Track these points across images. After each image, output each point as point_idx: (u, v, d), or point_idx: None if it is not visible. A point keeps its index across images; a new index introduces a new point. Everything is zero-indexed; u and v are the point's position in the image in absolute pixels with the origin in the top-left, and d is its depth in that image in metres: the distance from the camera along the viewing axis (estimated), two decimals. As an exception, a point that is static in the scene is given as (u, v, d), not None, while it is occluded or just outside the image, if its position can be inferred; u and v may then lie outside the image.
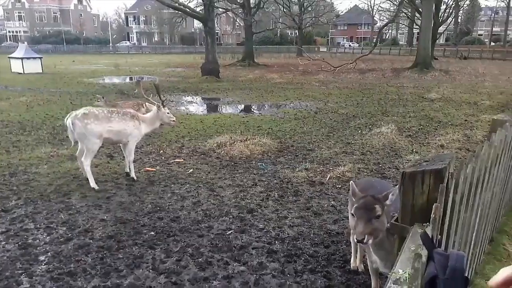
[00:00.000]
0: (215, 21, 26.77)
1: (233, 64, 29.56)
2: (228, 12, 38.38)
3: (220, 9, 33.28)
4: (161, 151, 6.83)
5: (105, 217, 4.21)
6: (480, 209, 2.22)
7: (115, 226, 3.98)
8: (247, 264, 3.30)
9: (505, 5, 57.24)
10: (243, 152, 6.64)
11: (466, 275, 1.31)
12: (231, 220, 4.18)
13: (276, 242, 3.69)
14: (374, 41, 31.16)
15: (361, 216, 1.74)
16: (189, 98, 13.72)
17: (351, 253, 3.27)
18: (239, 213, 4.34)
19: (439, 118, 9.63)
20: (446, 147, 7.03)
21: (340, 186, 5.23)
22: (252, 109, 11.78)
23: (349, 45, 63.33)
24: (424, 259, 1.02)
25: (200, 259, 3.37)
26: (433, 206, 1.20)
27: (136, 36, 75.28)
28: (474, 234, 2.22)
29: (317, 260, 3.38)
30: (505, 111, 10.07)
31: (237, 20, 49.55)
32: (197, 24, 61.53)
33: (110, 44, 64.47)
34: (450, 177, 1.38)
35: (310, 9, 46.67)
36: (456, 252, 0.95)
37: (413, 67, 23.92)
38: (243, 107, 12.12)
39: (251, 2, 32.00)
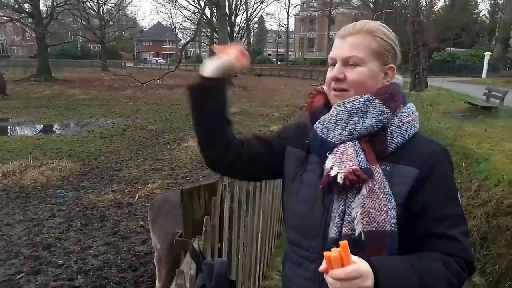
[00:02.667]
0: (-4, 29, 22.99)
1: (25, 79, 25.88)
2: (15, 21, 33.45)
3: (5, 18, 28.75)
4: None
5: None
6: (262, 211, 2.55)
7: None
8: (44, 308, 2.93)
9: (285, 30, 67.45)
10: (37, 180, 5.87)
11: (234, 278, 1.49)
12: (22, 261, 3.63)
13: (79, 276, 3.39)
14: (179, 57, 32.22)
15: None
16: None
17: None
18: (32, 252, 3.81)
19: (239, 130, 10.61)
20: (246, 156, 7.81)
21: (149, 204, 5.17)
22: (51, 130, 10.57)
23: (156, 61, 63.73)
24: (193, 272, 1.11)
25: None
26: (204, 219, 1.32)
27: None
28: (259, 234, 2.54)
29: (124, 286, 3.25)
30: (288, 121, 11.85)
31: (27, 30, 43.74)
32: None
33: None
34: (224, 189, 1.55)
35: (111, 23, 44.98)
36: (219, 260, 1.07)
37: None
38: (39, 128, 10.74)
39: (42, 11, 28.73)
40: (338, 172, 0.98)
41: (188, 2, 43.71)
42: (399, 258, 0.95)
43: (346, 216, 0.96)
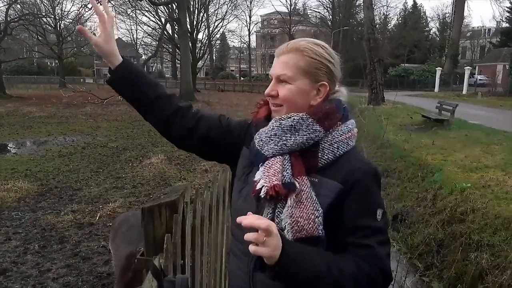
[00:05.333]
0: None
1: (-26, 97, 24.67)
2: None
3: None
4: None
5: None
6: (226, 226, 2.59)
7: None
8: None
9: (246, 46, 68.34)
10: (-10, 203, 5.60)
11: None
12: (-26, 288, 3.46)
13: (37, 301, 3.27)
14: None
15: None
16: None
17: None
18: (-14, 278, 3.63)
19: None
20: (210, 171, 7.79)
21: (111, 224, 5.06)
22: (5, 149, 10.10)
23: (117, 77, 62.37)
24: (153, 290, 1.14)
25: None
26: (165, 237, 1.35)
27: None
28: (224, 248, 2.56)
29: (86, 309, 3.17)
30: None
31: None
32: None
33: None
34: (185, 205, 1.58)
35: (69, 38, 43.83)
36: (181, 276, 1.10)
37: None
38: (-9, 148, 10.25)
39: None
40: (262, 186, 1.06)
41: (149, 18, 43.42)
42: (313, 248, 1.02)
43: (275, 224, 1.01)
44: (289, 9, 59.16)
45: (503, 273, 3.94)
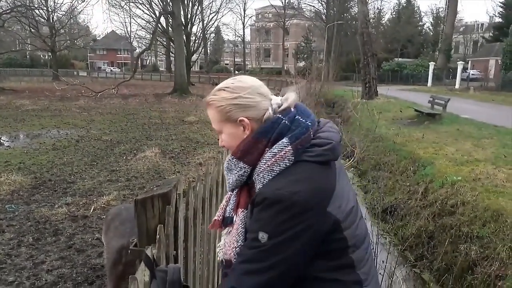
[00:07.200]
0: None
1: (-34, 90, 24.41)
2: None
3: None
4: None
5: None
6: (219, 218, 2.62)
7: None
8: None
9: (241, 40, 68.15)
10: (-16, 196, 5.60)
11: (186, 283, 1.55)
12: (-32, 281, 3.47)
13: (32, 292, 3.29)
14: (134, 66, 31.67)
15: None
16: None
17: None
18: (-20, 270, 3.65)
19: (197, 139, 10.61)
20: (204, 164, 7.82)
21: (105, 217, 5.08)
22: (-3, 143, 10.04)
23: (111, 70, 62.05)
24: (147, 278, 1.17)
25: None
26: (158, 228, 1.38)
27: None
28: (217, 240, 2.60)
29: (80, 300, 3.20)
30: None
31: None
32: None
33: None
34: (178, 197, 1.61)
35: (62, 31, 43.37)
36: (173, 266, 1.13)
37: (173, 93, 25.51)
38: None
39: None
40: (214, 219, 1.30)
41: (143, 11, 42.97)
42: None
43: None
44: (283, 3, 59.00)
45: (491, 265, 4.03)
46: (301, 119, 1.15)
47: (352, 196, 1.20)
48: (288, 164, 1.09)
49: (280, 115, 1.15)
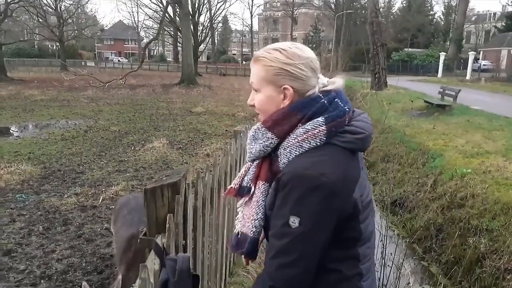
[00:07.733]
0: None
1: (-24, 80, 24.60)
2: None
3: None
4: None
5: None
6: (227, 208, 2.62)
7: None
8: (5, 314, 2.87)
9: (249, 29, 67.76)
10: (-6, 185, 5.66)
11: (196, 272, 1.55)
12: (-20, 269, 3.52)
13: (42, 281, 3.34)
14: (141, 56, 31.68)
15: None
16: None
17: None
18: (-8, 258, 3.70)
19: (205, 130, 10.62)
20: (211, 155, 7.83)
21: (113, 206, 5.12)
22: (7, 132, 10.14)
23: (118, 60, 62.16)
24: (157, 267, 1.17)
25: None
26: (167, 217, 1.38)
27: None
28: (225, 230, 2.61)
29: (90, 288, 3.23)
30: (254, 120, 11.97)
31: (-22, 27, 41.42)
32: None
33: None
34: (187, 187, 1.61)
35: (70, 21, 43.42)
36: (182, 255, 1.14)
37: (180, 83, 25.47)
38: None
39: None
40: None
41: (150, 0, 42.87)
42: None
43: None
44: (292, -8, 58.38)
45: (501, 258, 4.00)
46: (340, 102, 1.14)
47: (370, 190, 1.19)
48: (318, 143, 1.08)
49: (320, 94, 1.14)
